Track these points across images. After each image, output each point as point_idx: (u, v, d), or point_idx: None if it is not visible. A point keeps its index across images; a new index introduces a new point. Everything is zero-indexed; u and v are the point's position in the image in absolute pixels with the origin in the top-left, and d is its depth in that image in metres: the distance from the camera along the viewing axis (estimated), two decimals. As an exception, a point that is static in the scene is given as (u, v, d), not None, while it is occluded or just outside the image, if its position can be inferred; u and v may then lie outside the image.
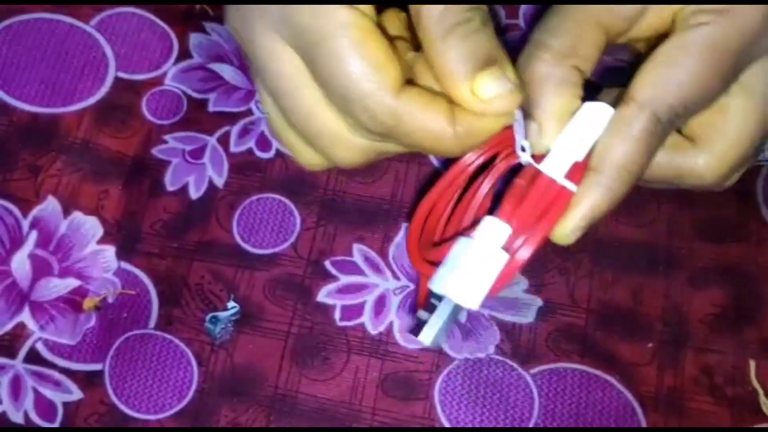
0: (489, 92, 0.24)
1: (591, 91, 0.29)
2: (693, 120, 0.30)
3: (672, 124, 0.28)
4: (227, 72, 0.43)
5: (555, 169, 0.28)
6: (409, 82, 0.26)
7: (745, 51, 0.27)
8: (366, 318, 0.39)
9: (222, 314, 0.38)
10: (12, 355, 0.37)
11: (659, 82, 0.27)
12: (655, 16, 0.29)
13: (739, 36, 0.27)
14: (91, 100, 0.42)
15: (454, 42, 0.24)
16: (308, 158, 0.32)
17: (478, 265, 0.27)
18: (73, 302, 0.38)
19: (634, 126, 0.27)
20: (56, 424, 0.37)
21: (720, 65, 0.27)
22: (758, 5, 0.27)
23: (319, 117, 0.27)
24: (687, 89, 0.27)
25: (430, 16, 0.24)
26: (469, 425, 0.37)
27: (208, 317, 0.38)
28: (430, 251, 0.30)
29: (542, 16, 0.30)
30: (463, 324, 0.38)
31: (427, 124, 0.25)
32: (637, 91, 0.27)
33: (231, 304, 0.38)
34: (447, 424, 0.37)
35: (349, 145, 0.28)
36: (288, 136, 0.31)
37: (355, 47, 0.24)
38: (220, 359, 0.38)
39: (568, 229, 0.27)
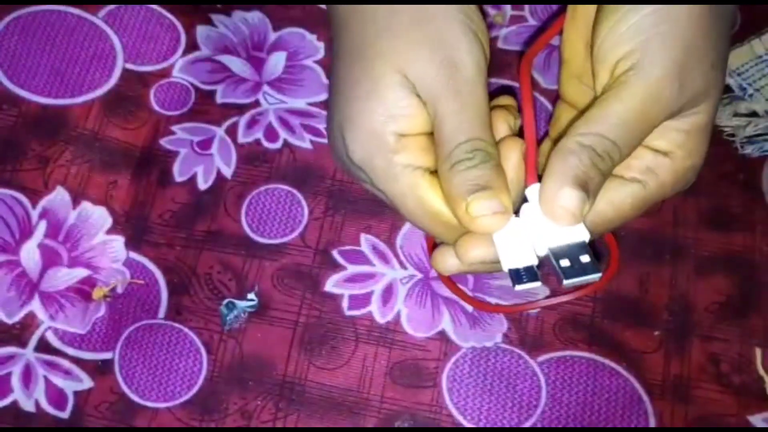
0: (477, 211, 0.29)
1: None
2: None
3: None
4: (234, 64, 0.43)
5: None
6: None
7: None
8: (374, 307, 0.39)
9: (239, 302, 0.38)
10: (23, 344, 0.38)
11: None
12: None
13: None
14: (100, 92, 0.42)
15: (457, 172, 0.30)
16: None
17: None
18: (82, 292, 0.39)
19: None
20: (67, 413, 0.37)
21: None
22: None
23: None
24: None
25: (441, 153, 0.30)
26: (477, 413, 0.37)
27: (225, 302, 0.38)
28: None
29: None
30: (470, 313, 0.39)
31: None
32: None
33: (251, 295, 0.39)
34: (455, 412, 0.37)
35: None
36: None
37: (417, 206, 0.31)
38: (229, 348, 0.38)
39: None
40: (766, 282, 0.39)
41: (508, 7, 0.45)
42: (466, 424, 0.37)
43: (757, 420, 0.37)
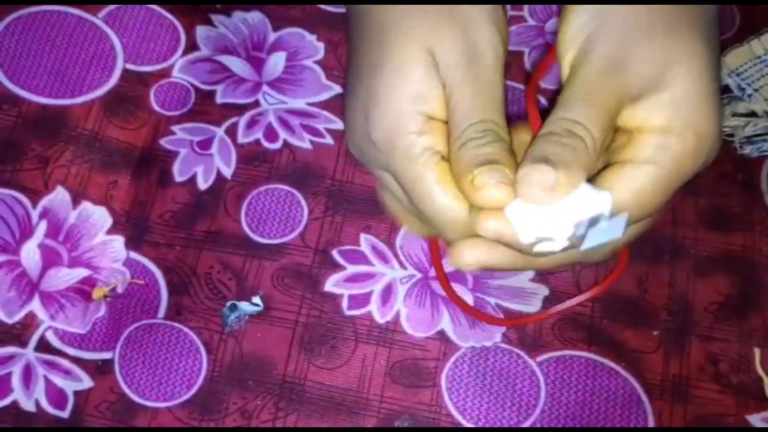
0: (482, 181, 0.28)
1: None
2: None
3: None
4: (234, 64, 0.43)
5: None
6: None
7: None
8: (373, 307, 0.39)
9: (242, 305, 0.38)
10: (23, 344, 0.38)
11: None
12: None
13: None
14: (100, 92, 0.42)
15: (466, 150, 0.29)
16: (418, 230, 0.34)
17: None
18: (82, 292, 0.39)
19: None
20: (67, 412, 0.37)
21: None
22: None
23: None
24: None
25: (453, 133, 0.30)
26: (476, 412, 0.37)
27: (228, 303, 0.38)
28: None
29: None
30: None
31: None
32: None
33: (257, 299, 0.39)
34: (454, 412, 0.37)
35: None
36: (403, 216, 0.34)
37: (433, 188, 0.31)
38: (229, 348, 0.38)
39: None
40: (766, 282, 0.39)
41: (507, 7, 0.45)
42: (466, 424, 0.37)
43: (755, 419, 0.37)
